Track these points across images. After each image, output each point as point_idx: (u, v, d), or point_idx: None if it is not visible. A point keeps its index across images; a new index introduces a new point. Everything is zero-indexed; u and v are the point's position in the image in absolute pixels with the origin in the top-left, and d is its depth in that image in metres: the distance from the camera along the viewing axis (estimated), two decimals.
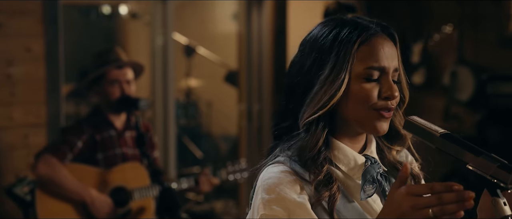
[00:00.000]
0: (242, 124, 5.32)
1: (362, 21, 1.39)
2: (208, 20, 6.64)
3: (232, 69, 5.95)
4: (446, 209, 1.17)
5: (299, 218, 1.29)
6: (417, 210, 1.18)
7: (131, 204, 3.22)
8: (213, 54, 6.02)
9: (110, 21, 6.43)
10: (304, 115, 1.36)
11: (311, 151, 1.35)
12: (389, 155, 1.46)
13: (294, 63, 1.44)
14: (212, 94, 6.45)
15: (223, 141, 6.63)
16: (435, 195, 1.17)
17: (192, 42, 5.84)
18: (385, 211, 1.24)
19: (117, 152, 3.26)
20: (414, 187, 1.21)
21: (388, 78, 1.35)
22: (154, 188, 3.20)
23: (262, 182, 1.35)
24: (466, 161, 1.25)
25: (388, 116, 1.36)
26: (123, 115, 3.32)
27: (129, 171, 3.24)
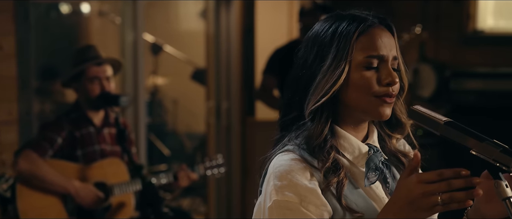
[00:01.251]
0: (210, 121, 5.36)
1: (360, 14, 1.46)
2: (175, 19, 6.67)
3: (199, 67, 5.99)
4: (455, 196, 1.24)
5: (311, 202, 1.36)
6: (426, 196, 1.25)
7: (111, 199, 3.24)
8: (180, 52, 6.05)
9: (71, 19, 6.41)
10: (308, 104, 1.43)
11: (318, 139, 1.41)
12: (389, 143, 1.54)
13: (298, 58, 1.51)
14: (178, 92, 6.48)
15: (188, 138, 6.67)
16: (444, 182, 1.25)
17: (159, 40, 5.86)
18: (395, 198, 1.31)
19: (96, 149, 3.28)
20: (424, 174, 1.28)
21: (387, 65, 1.42)
22: (134, 183, 3.24)
23: (274, 170, 1.40)
24: (470, 146, 1.33)
25: (390, 101, 1.43)
26: (102, 112, 3.34)
27: (108, 167, 3.27)
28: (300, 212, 1.35)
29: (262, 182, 1.46)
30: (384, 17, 1.47)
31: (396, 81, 1.42)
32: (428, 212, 1.27)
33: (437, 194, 1.25)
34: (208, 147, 5.46)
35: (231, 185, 5.34)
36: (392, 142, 1.54)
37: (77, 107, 3.30)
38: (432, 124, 1.39)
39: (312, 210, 1.35)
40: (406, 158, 1.54)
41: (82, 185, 3.15)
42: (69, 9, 6.40)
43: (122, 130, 3.17)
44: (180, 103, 6.52)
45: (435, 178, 1.26)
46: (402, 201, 1.28)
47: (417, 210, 1.27)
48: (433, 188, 1.25)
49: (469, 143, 1.34)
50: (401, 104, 1.50)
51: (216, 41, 5.27)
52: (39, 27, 5.94)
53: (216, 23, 5.27)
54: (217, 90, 5.31)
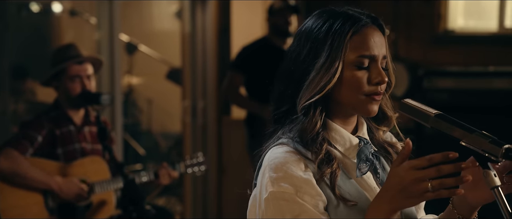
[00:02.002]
0: (186, 121, 5.38)
1: (354, 13, 1.50)
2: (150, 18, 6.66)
3: (174, 67, 6.00)
4: (444, 182, 1.29)
5: (306, 193, 1.40)
6: (417, 183, 1.30)
7: (92, 197, 3.25)
8: (156, 52, 6.05)
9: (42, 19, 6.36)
10: (301, 99, 1.47)
11: (311, 133, 1.45)
12: (377, 135, 1.59)
13: (290, 52, 1.53)
14: (153, 92, 6.47)
15: (163, 138, 6.67)
16: (434, 167, 1.29)
17: (134, 40, 5.86)
18: (388, 186, 1.35)
19: (76, 147, 3.28)
20: (414, 160, 1.32)
21: (377, 65, 1.47)
22: (115, 181, 3.25)
23: (269, 162, 1.44)
24: (460, 138, 1.38)
25: (378, 99, 1.48)
26: (82, 110, 3.35)
27: (89, 165, 3.28)
28: (295, 202, 1.38)
29: (257, 175, 1.49)
30: (376, 17, 1.52)
31: (385, 81, 1.47)
32: (419, 198, 1.31)
33: (427, 180, 1.29)
34: (184, 146, 5.48)
35: (207, 183, 5.37)
36: (379, 134, 1.59)
37: (57, 106, 3.30)
38: (423, 116, 1.44)
39: (308, 200, 1.39)
40: (393, 149, 1.59)
41: (64, 180, 3.15)
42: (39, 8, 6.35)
43: (103, 128, 3.18)
44: (154, 103, 6.52)
45: (425, 164, 1.30)
46: (394, 188, 1.33)
47: (409, 196, 1.32)
48: (423, 174, 1.29)
49: (459, 134, 1.39)
50: (387, 99, 1.56)
51: (192, 41, 5.29)
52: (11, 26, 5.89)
53: (192, 22, 5.29)
54: (193, 90, 5.33)
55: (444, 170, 1.29)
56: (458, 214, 1.52)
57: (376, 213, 1.36)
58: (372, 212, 1.37)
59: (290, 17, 4.57)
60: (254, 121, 4.58)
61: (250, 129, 4.64)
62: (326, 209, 1.41)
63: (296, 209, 1.38)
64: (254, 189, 1.50)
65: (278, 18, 4.57)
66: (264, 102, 4.46)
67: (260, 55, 4.55)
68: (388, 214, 1.35)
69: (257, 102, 4.50)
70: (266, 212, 1.41)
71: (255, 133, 4.57)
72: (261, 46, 4.61)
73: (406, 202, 1.34)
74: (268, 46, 4.59)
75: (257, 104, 4.50)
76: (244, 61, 4.59)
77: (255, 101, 4.53)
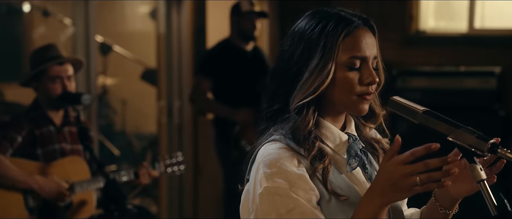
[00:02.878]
0: (162, 121, 5.39)
1: (346, 15, 1.54)
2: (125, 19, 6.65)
3: (149, 67, 6.00)
4: (432, 175, 1.34)
5: (300, 188, 1.44)
6: (406, 177, 1.35)
7: (73, 197, 3.25)
8: (130, 52, 6.05)
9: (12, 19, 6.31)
10: (295, 99, 1.51)
11: (304, 131, 1.49)
12: (364, 132, 1.64)
13: (283, 51, 1.57)
14: (127, 93, 6.47)
15: (137, 139, 6.66)
16: (421, 162, 1.34)
17: (108, 41, 5.85)
18: (378, 181, 1.40)
19: (56, 147, 3.29)
20: (400, 156, 1.37)
21: (368, 66, 1.52)
22: (95, 181, 3.26)
23: (263, 158, 1.48)
24: (447, 133, 1.44)
25: (369, 98, 1.54)
26: (61, 111, 3.35)
27: (69, 165, 3.28)
28: (290, 197, 1.43)
29: (249, 171, 1.53)
30: (367, 18, 1.57)
31: (376, 81, 1.53)
32: (408, 192, 1.36)
33: (415, 174, 1.34)
34: (159, 146, 5.49)
35: (183, 184, 5.39)
36: (366, 131, 1.64)
37: (36, 106, 3.30)
38: (411, 113, 1.50)
39: (301, 194, 1.43)
40: (379, 145, 1.64)
41: (45, 179, 3.15)
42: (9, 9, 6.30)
43: (84, 128, 3.19)
44: (128, 103, 6.51)
45: (410, 158, 1.35)
46: (384, 183, 1.38)
47: (398, 191, 1.36)
48: (411, 169, 1.34)
49: (446, 130, 1.44)
50: (375, 97, 1.61)
51: (167, 41, 5.31)
52: None
53: (167, 23, 5.30)
54: (169, 90, 5.35)
55: (431, 164, 1.34)
56: (441, 206, 1.57)
57: (367, 207, 1.40)
58: (364, 206, 1.41)
59: (257, 21, 4.54)
60: (221, 122, 4.59)
61: (217, 130, 4.65)
62: (319, 203, 1.46)
63: (290, 203, 1.42)
64: (247, 184, 1.53)
65: (245, 22, 4.51)
66: (233, 105, 4.46)
67: (224, 58, 4.52)
68: (378, 208, 1.40)
69: (226, 106, 4.48)
70: (260, 206, 1.44)
71: (223, 134, 4.58)
72: (224, 49, 4.57)
73: (396, 196, 1.38)
74: (231, 49, 4.55)
75: (226, 108, 4.47)
76: (209, 65, 4.54)
77: (224, 104, 4.52)
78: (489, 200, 1.40)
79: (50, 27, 6.02)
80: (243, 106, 4.45)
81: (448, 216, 1.58)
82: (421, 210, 1.66)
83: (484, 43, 5.29)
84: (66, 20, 5.59)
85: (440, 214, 1.58)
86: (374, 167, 1.61)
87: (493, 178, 1.49)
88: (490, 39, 5.31)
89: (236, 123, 4.45)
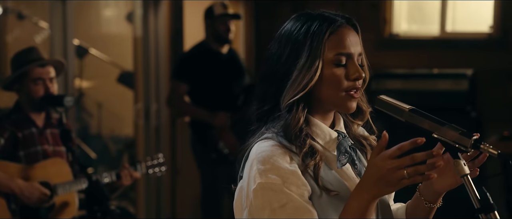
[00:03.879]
0: (139, 123, 5.41)
1: (329, 15, 1.61)
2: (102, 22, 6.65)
3: (126, 70, 6.02)
4: (418, 169, 1.41)
5: (293, 183, 1.50)
6: (393, 171, 1.41)
7: (55, 199, 3.27)
8: (107, 55, 6.06)
9: None
10: (285, 97, 1.56)
11: (295, 128, 1.55)
12: (352, 129, 1.70)
13: (271, 54, 1.63)
14: (103, 96, 6.47)
15: (113, 142, 6.66)
16: (408, 156, 1.41)
17: (84, 43, 5.85)
18: (367, 176, 1.46)
19: (38, 149, 3.30)
20: (387, 151, 1.43)
21: (354, 62, 1.59)
22: (78, 182, 3.28)
23: (257, 155, 1.53)
24: (432, 130, 1.51)
25: (356, 96, 1.60)
26: (43, 113, 3.36)
27: (51, 166, 3.30)
28: (283, 192, 1.48)
29: (243, 168, 1.59)
30: (350, 17, 1.63)
31: (362, 76, 1.59)
32: (396, 185, 1.43)
33: (403, 168, 1.41)
34: (137, 149, 5.51)
35: (161, 186, 5.41)
36: (354, 128, 1.70)
37: (18, 108, 3.31)
38: (397, 111, 1.57)
39: (294, 190, 1.49)
40: (367, 141, 1.71)
41: (26, 183, 3.16)
42: None
43: (67, 130, 3.21)
44: (104, 106, 6.51)
45: (398, 153, 1.42)
46: (373, 177, 1.44)
47: (387, 184, 1.43)
48: (399, 163, 1.41)
49: (431, 127, 1.51)
50: (362, 94, 1.67)
51: (145, 44, 5.33)
52: None
53: (144, 25, 5.33)
54: (146, 93, 5.37)
55: (418, 158, 1.41)
56: (425, 200, 1.64)
57: (357, 201, 1.47)
58: (353, 200, 1.47)
59: (230, 24, 4.60)
60: (198, 125, 4.64)
61: (194, 132, 4.70)
62: (310, 198, 1.52)
63: (283, 198, 1.47)
64: (241, 181, 1.59)
65: (219, 25, 4.58)
66: (209, 108, 4.51)
67: (200, 61, 4.58)
68: (368, 201, 1.46)
69: (203, 109, 4.53)
70: (254, 202, 1.49)
71: (199, 135, 4.63)
72: (200, 52, 4.63)
73: (385, 190, 1.45)
74: (207, 52, 4.60)
75: (203, 112, 4.53)
76: (185, 69, 4.59)
77: (200, 107, 4.56)
78: (472, 193, 1.47)
79: (25, 30, 5.99)
80: (220, 108, 4.51)
81: (432, 209, 1.65)
82: (406, 204, 1.73)
83: (455, 46, 5.42)
84: (41, 23, 5.58)
85: (424, 208, 1.64)
86: (363, 163, 1.67)
87: (476, 171, 1.57)
88: (461, 42, 5.44)
89: (213, 126, 4.50)
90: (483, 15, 5.43)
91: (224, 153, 4.52)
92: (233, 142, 4.48)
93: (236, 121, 4.52)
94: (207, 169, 4.64)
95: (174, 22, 5.37)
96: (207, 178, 4.68)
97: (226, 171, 4.50)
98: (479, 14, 5.49)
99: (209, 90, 4.57)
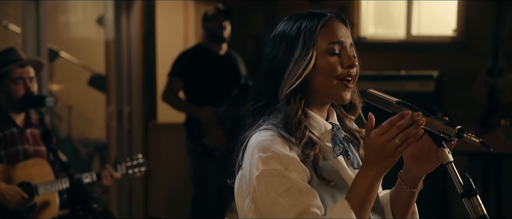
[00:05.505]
0: (112, 126, 5.44)
1: (318, 12, 1.72)
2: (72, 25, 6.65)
3: (96, 73, 6.03)
4: (407, 132, 1.52)
5: (294, 169, 1.58)
6: (387, 143, 1.52)
7: (36, 198, 3.30)
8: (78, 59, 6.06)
9: None
10: (283, 88, 1.66)
11: (294, 119, 1.64)
12: (346, 123, 1.80)
13: (267, 53, 1.72)
14: (73, 99, 6.46)
15: (82, 145, 6.66)
16: (394, 126, 1.53)
17: (54, 46, 5.85)
18: (367, 157, 1.56)
19: (19, 149, 3.33)
20: (378, 128, 1.55)
21: (346, 51, 1.68)
22: (59, 182, 3.31)
23: (257, 144, 1.61)
24: None
25: (350, 86, 1.70)
26: (23, 113, 3.39)
27: (33, 166, 3.32)
28: (286, 177, 1.56)
29: (241, 158, 1.67)
30: (339, 13, 1.73)
31: (355, 64, 1.69)
32: (394, 155, 1.54)
33: (394, 138, 1.52)
34: (109, 151, 5.53)
35: (133, 188, 5.45)
36: (347, 121, 1.80)
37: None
38: (385, 104, 1.66)
39: (295, 175, 1.57)
40: (359, 134, 1.80)
41: (7, 186, 3.18)
42: None
43: (48, 130, 3.25)
44: (74, 109, 6.51)
45: (387, 127, 1.53)
46: (372, 156, 1.55)
47: (386, 157, 1.54)
48: (388, 135, 1.53)
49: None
50: (354, 89, 1.77)
51: (117, 46, 5.37)
52: None
53: (116, 28, 5.36)
54: (119, 95, 5.40)
55: (403, 125, 1.53)
56: (406, 185, 1.73)
57: (363, 181, 1.56)
58: (359, 180, 1.57)
59: (224, 22, 4.74)
60: (192, 124, 4.74)
61: (188, 131, 4.79)
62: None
63: (287, 183, 1.56)
64: (241, 170, 1.67)
65: (212, 24, 4.74)
66: (202, 105, 4.64)
67: (197, 60, 4.72)
68: (373, 179, 1.56)
69: (195, 106, 4.67)
70: (258, 188, 1.57)
71: (193, 134, 4.73)
72: (198, 52, 4.78)
73: (387, 162, 1.55)
74: (205, 52, 4.76)
75: (195, 107, 4.66)
76: (182, 67, 4.73)
77: (193, 104, 4.68)
78: (456, 179, 1.58)
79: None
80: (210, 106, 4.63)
81: (414, 194, 1.74)
82: (390, 191, 1.83)
83: (421, 49, 5.58)
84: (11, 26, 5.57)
85: (406, 193, 1.74)
86: (355, 155, 1.76)
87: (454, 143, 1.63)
88: (426, 45, 5.60)
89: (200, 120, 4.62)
90: (447, 19, 5.60)
91: (208, 147, 4.62)
92: (219, 137, 4.60)
93: (226, 117, 4.64)
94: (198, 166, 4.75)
95: (147, 25, 5.42)
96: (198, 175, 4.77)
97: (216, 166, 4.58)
98: (443, 18, 5.66)
99: (204, 89, 4.70)
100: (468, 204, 1.57)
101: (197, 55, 4.75)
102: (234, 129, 4.88)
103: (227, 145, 4.64)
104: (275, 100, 1.68)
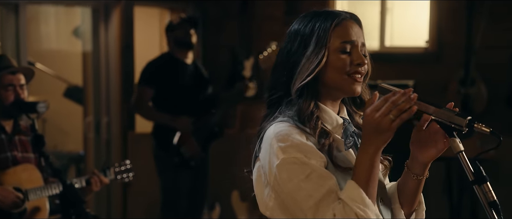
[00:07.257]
0: (90, 137, 5.43)
1: (333, 11, 1.80)
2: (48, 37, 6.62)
3: (72, 84, 6.02)
4: (400, 108, 1.61)
5: (312, 157, 1.65)
6: (382, 118, 1.61)
7: (26, 204, 3.29)
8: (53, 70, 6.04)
9: None
10: (295, 82, 1.73)
11: (307, 111, 1.72)
12: (355, 119, 1.88)
13: (282, 48, 1.80)
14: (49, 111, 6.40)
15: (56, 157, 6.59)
16: (389, 102, 1.62)
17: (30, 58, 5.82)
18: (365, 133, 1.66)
19: (8, 155, 3.33)
20: (373, 105, 1.65)
21: (357, 50, 1.76)
22: (49, 188, 3.32)
23: (275, 135, 1.68)
24: (431, 112, 1.69)
25: (359, 80, 1.77)
26: (11, 120, 3.39)
27: (22, 172, 3.33)
28: (306, 164, 1.64)
29: (259, 149, 1.73)
30: (353, 13, 1.81)
31: (365, 62, 1.77)
32: (390, 130, 1.62)
33: (388, 113, 1.61)
34: (87, 162, 5.52)
35: (111, 198, 5.44)
36: (357, 118, 1.88)
37: None
38: None
39: (314, 162, 1.65)
40: None
41: (0, 187, 3.18)
42: None
43: (40, 135, 3.25)
44: (49, 121, 6.47)
45: (381, 103, 1.63)
46: (369, 131, 1.64)
47: (382, 132, 1.62)
48: (383, 111, 1.62)
49: (430, 109, 1.70)
50: (364, 86, 1.85)
51: (95, 57, 5.38)
52: None
53: (94, 39, 5.38)
54: (96, 106, 5.40)
55: (397, 100, 1.63)
56: (413, 173, 1.80)
57: (364, 157, 1.65)
58: (360, 158, 1.66)
59: (190, 30, 4.79)
60: (160, 133, 4.76)
61: (156, 140, 4.81)
62: None
63: (307, 169, 1.63)
64: (258, 161, 1.73)
65: (179, 32, 4.78)
66: (172, 113, 4.67)
67: (165, 69, 4.76)
68: (373, 154, 1.65)
69: (166, 114, 4.69)
70: (280, 176, 1.64)
71: (162, 142, 4.75)
72: (166, 61, 4.82)
73: (383, 137, 1.63)
74: (172, 61, 4.80)
75: (167, 116, 4.70)
76: (151, 75, 4.76)
77: (164, 113, 4.70)
78: (467, 168, 1.67)
79: None
80: (183, 115, 4.66)
81: (420, 182, 1.82)
82: (397, 181, 1.90)
83: (394, 60, 5.71)
84: None
85: (413, 181, 1.82)
86: None
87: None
88: (399, 56, 5.74)
89: (176, 131, 4.64)
90: (419, 31, 5.75)
91: (185, 157, 4.65)
92: (194, 147, 4.64)
93: (198, 128, 4.68)
94: (169, 176, 4.75)
95: (125, 36, 5.44)
96: (168, 186, 4.78)
97: (188, 175, 4.62)
98: (416, 29, 5.81)
99: (173, 97, 4.73)
100: (478, 190, 1.65)
101: (166, 64, 4.78)
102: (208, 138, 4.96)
103: (201, 154, 4.69)
104: (289, 93, 1.75)
